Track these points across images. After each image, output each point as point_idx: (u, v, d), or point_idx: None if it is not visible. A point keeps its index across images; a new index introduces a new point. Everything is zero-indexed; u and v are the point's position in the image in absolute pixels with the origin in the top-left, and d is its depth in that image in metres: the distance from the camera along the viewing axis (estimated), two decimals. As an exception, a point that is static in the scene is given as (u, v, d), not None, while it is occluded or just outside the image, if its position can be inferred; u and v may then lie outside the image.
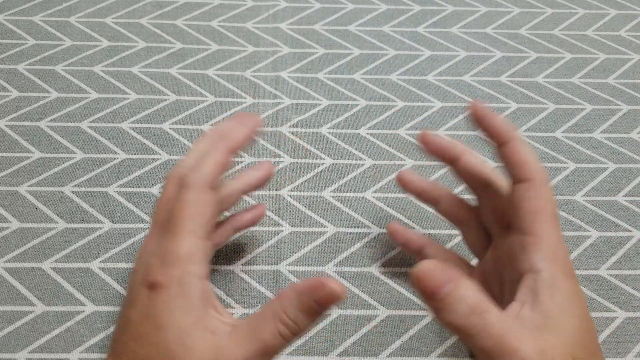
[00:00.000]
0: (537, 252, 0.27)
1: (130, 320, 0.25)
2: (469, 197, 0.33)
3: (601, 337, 0.35)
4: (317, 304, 0.24)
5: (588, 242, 0.39)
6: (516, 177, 0.28)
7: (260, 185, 0.34)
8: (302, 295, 0.25)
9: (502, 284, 0.29)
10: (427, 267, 0.24)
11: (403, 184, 0.35)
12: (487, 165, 0.32)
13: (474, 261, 0.36)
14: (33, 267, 0.36)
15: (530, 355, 0.24)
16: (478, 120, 0.30)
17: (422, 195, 0.35)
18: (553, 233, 0.27)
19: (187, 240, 0.25)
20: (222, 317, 0.26)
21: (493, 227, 0.31)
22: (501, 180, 0.31)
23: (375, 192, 0.41)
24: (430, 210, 0.40)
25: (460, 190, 0.41)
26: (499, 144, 0.29)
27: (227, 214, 0.35)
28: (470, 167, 0.32)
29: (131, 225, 0.38)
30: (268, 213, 0.39)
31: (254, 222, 0.36)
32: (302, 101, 0.45)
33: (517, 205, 0.28)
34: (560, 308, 0.26)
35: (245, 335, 0.24)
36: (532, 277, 0.27)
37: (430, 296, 0.24)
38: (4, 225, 0.38)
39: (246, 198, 0.40)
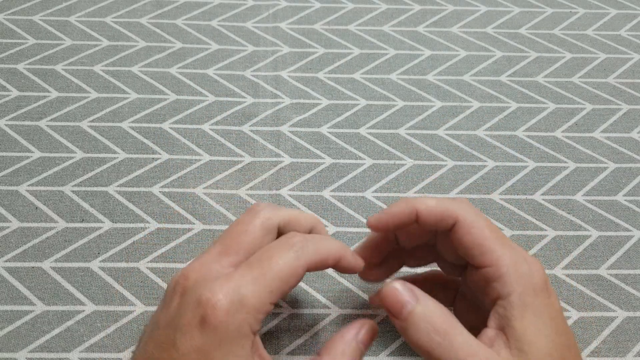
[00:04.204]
0: (497, 280, 0.27)
1: (179, 349, 0.24)
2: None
3: (601, 337, 0.35)
4: (363, 345, 0.26)
5: (588, 242, 0.39)
6: (445, 227, 0.28)
7: (349, 272, 0.30)
8: (349, 342, 0.26)
9: (483, 303, 0.29)
10: (393, 286, 0.25)
11: (371, 278, 0.33)
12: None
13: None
14: (33, 267, 0.36)
15: None
16: (384, 228, 0.30)
17: (391, 270, 0.33)
18: (505, 253, 0.27)
19: (262, 295, 0.25)
20: None
21: (458, 261, 0.31)
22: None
23: (375, 191, 0.41)
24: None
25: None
26: (412, 222, 0.29)
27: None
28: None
29: (131, 225, 0.38)
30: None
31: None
32: (302, 101, 0.45)
33: (460, 246, 0.28)
34: (532, 328, 0.26)
35: None
36: (501, 303, 0.27)
37: (396, 315, 0.25)
38: (4, 224, 0.38)
39: (248, 199, 0.40)
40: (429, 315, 0.25)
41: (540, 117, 0.45)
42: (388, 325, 0.35)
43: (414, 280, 0.34)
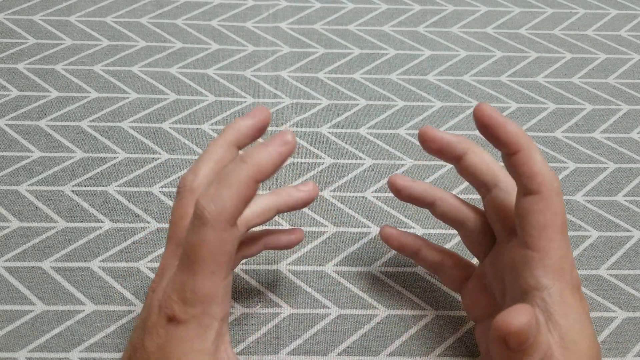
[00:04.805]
0: (541, 268, 0.26)
1: (146, 348, 0.25)
2: (467, 197, 0.33)
3: (601, 337, 0.35)
4: None
5: (588, 242, 0.39)
6: (525, 188, 0.26)
7: (299, 207, 0.31)
8: None
9: (504, 290, 0.29)
10: (528, 321, 0.22)
11: (395, 191, 0.32)
12: (493, 164, 0.30)
13: (475, 259, 0.36)
14: (33, 267, 0.36)
15: None
16: (485, 127, 0.27)
17: (416, 201, 0.32)
18: (560, 247, 0.26)
19: (207, 281, 0.24)
20: None
21: (497, 229, 0.30)
22: (507, 182, 0.29)
23: (375, 191, 0.41)
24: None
25: (457, 190, 0.41)
26: (509, 153, 0.27)
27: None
28: (475, 167, 0.29)
29: (131, 225, 0.38)
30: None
31: (287, 247, 0.33)
32: (302, 101, 0.45)
33: (523, 218, 0.27)
34: (575, 327, 0.26)
35: None
36: (539, 295, 0.26)
37: (514, 348, 0.23)
38: (4, 224, 0.38)
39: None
40: (542, 342, 0.24)
41: (540, 117, 0.45)
42: (388, 324, 0.35)
43: (433, 248, 0.33)
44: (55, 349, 0.33)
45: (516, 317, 0.22)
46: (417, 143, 0.43)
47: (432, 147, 0.29)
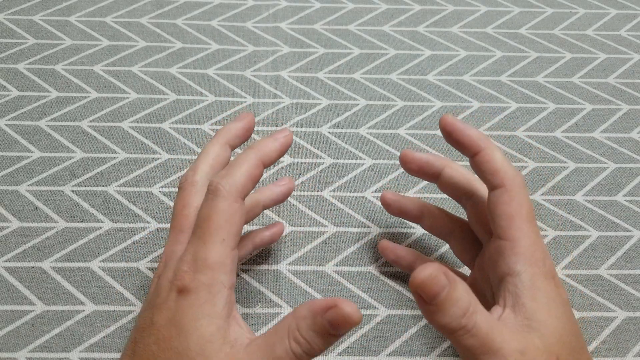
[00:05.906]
0: (513, 255, 0.27)
1: (155, 324, 0.25)
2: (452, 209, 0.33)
3: (601, 337, 0.35)
4: (330, 325, 0.24)
5: (588, 242, 0.39)
6: (490, 184, 0.29)
7: (281, 201, 0.35)
8: (316, 315, 0.24)
9: (491, 289, 0.30)
10: (431, 273, 0.24)
11: (386, 205, 0.35)
12: (469, 175, 0.32)
13: (464, 269, 0.36)
14: (33, 267, 0.36)
15: (510, 354, 0.24)
16: (449, 134, 0.30)
17: (405, 215, 0.35)
18: (529, 235, 0.28)
19: (217, 248, 0.25)
20: (242, 329, 0.26)
21: (480, 234, 0.32)
22: (483, 190, 0.31)
23: (375, 191, 0.41)
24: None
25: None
26: (472, 155, 0.29)
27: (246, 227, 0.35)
28: (452, 180, 0.32)
29: (131, 225, 0.38)
30: (268, 212, 0.39)
31: (273, 240, 0.36)
32: (302, 100, 0.45)
33: (492, 211, 0.29)
34: (543, 309, 0.26)
35: (260, 350, 0.24)
36: (511, 281, 0.27)
37: (429, 301, 0.24)
38: (4, 224, 0.38)
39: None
40: (459, 299, 0.25)
41: (540, 117, 0.45)
42: (388, 325, 0.35)
43: (427, 261, 0.34)
44: (55, 349, 0.33)
45: (421, 271, 0.24)
46: (417, 143, 0.43)
47: (413, 168, 0.32)
